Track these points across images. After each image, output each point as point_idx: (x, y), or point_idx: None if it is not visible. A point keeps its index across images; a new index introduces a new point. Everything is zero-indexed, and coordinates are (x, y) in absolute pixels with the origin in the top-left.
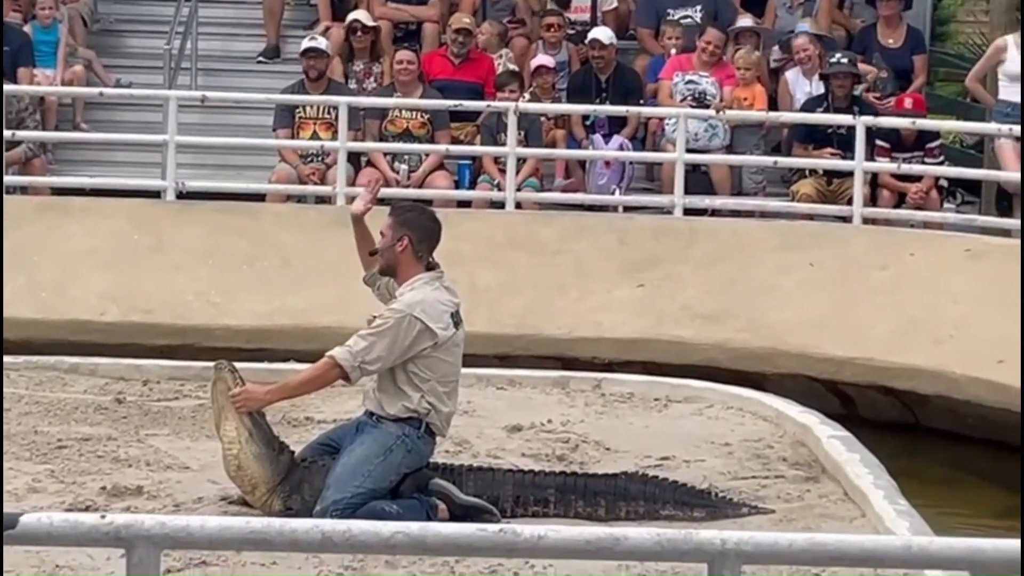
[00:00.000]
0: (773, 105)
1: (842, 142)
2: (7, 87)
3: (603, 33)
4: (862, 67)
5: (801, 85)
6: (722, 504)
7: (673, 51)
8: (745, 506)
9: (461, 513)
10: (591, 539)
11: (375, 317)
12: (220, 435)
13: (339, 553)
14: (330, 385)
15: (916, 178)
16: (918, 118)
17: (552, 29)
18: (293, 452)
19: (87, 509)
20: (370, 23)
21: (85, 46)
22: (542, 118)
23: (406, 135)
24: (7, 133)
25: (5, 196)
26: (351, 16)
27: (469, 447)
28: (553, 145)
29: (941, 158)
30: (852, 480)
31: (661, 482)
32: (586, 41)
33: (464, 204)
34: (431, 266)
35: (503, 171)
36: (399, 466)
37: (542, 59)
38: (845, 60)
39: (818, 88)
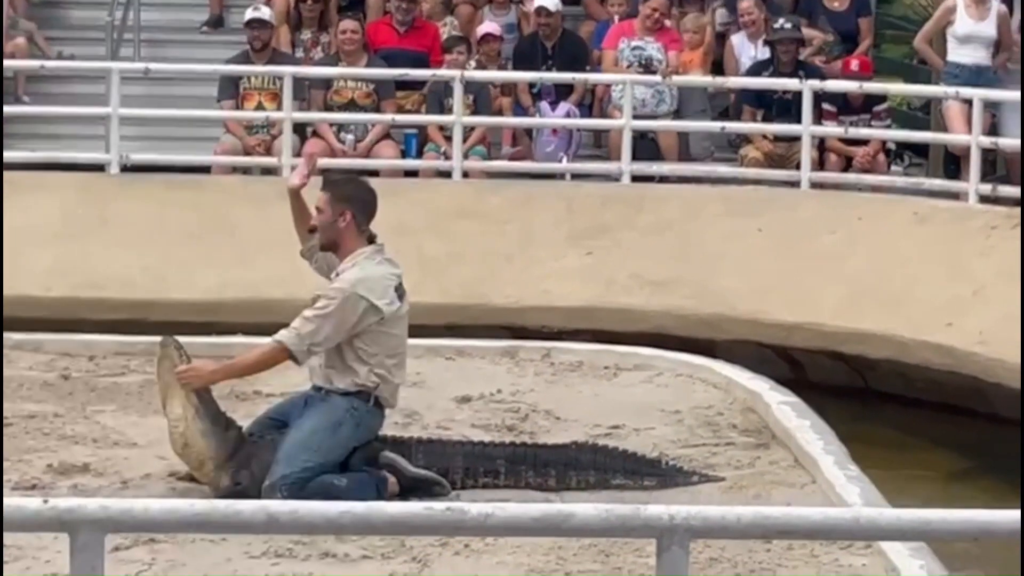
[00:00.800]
0: (719, 69)
1: (789, 106)
2: None
3: (550, 1)
4: (807, 31)
5: (747, 49)
6: (672, 472)
7: (617, 17)
8: (695, 474)
9: (410, 486)
10: (538, 516)
11: (319, 296)
12: (166, 412)
13: (286, 534)
14: (277, 366)
15: (863, 142)
16: (865, 81)
17: None
18: (241, 428)
19: (33, 487)
20: None
21: (26, 18)
22: (490, 86)
23: (351, 105)
24: None
25: None
26: None
27: (419, 418)
28: (500, 113)
29: (888, 121)
30: (802, 446)
31: (611, 451)
32: (534, 8)
33: (411, 174)
34: (371, 238)
35: (449, 139)
36: (348, 440)
37: (488, 26)
38: (789, 25)
39: (764, 53)
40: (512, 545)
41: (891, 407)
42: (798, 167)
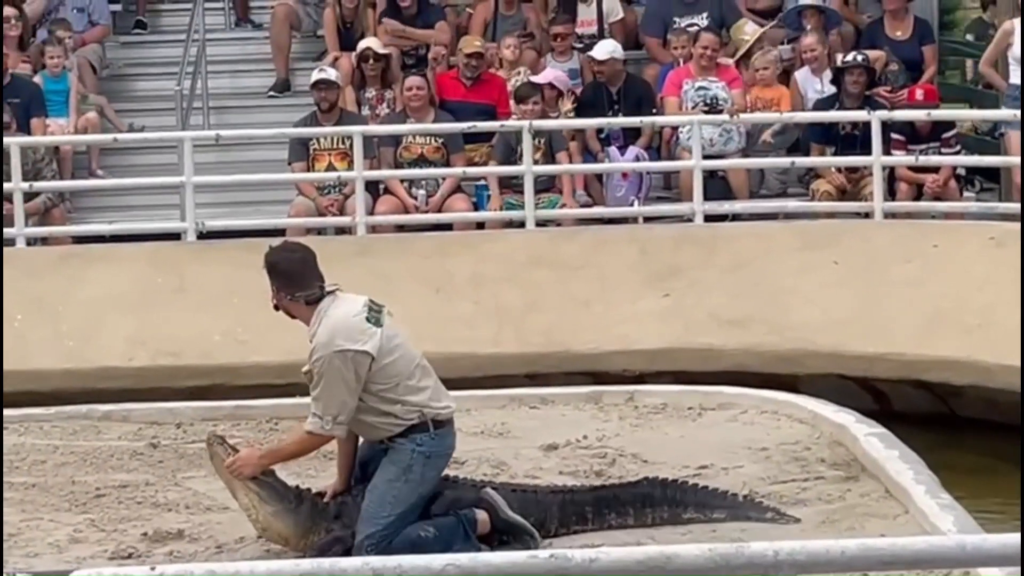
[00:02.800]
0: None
1: (855, 141)
2: (22, 139)
3: (600, 50)
4: (871, 53)
5: (812, 84)
6: (744, 507)
7: (681, 60)
8: (770, 510)
9: (503, 528)
10: (643, 559)
11: (310, 372)
12: (238, 503)
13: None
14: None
15: (933, 169)
16: (931, 108)
17: (560, 39)
18: (314, 495)
19: (130, 556)
20: (381, 51)
21: (96, 92)
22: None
23: (421, 161)
24: (24, 185)
25: (26, 248)
26: (362, 44)
27: (507, 468)
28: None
29: (958, 147)
30: (892, 477)
31: (682, 485)
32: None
33: (482, 225)
34: (321, 293)
35: (518, 189)
36: (425, 475)
37: (549, 74)
38: (860, 58)
39: (829, 88)
40: None
41: (977, 433)
42: (868, 198)
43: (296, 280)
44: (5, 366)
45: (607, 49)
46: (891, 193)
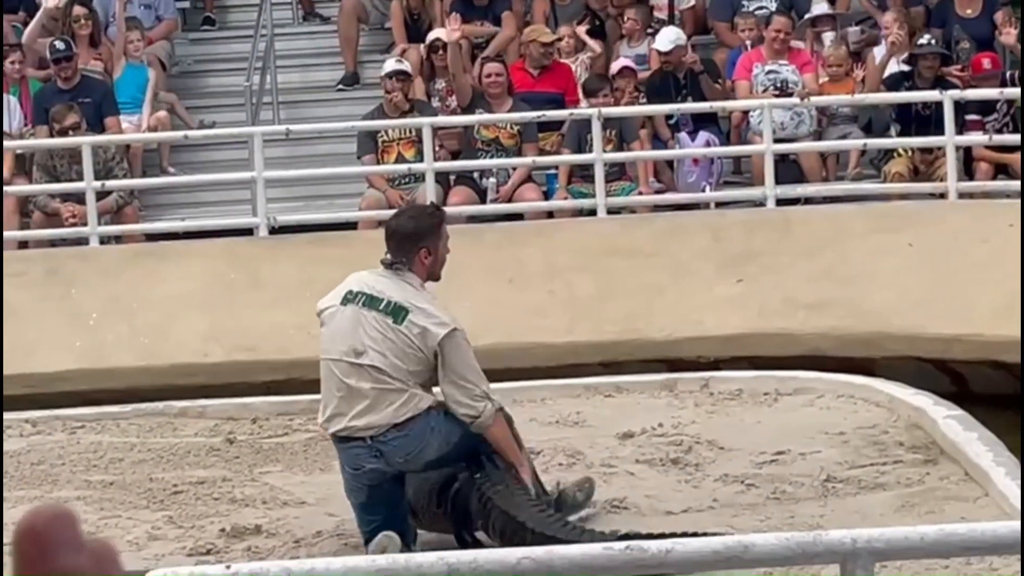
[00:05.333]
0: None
1: (928, 121)
2: (92, 138)
3: (662, 40)
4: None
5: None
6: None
7: (749, 43)
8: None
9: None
10: (719, 549)
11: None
12: None
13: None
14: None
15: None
16: (998, 76)
17: (633, 21)
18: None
19: (208, 553)
20: (451, 39)
21: (166, 90)
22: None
23: (495, 144)
24: (96, 184)
25: (100, 247)
26: (432, 35)
27: (582, 458)
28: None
29: None
30: (972, 459)
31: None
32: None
33: (552, 214)
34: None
35: (585, 178)
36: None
37: (624, 61)
38: (934, 41)
39: (902, 67)
40: None
41: None
42: (943, 179)
43: (389, 246)
44: (82, 364)
45: (670, 39)
46: (968, 173)
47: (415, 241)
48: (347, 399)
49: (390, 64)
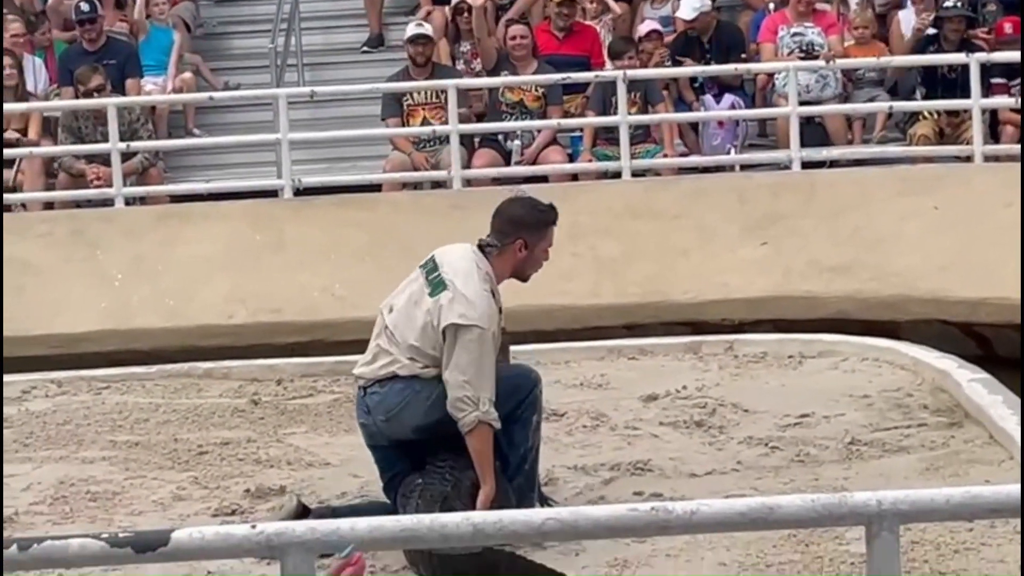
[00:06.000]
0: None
1: (954, 84)
2: (118, 99)
3: (686, 8)
4: None
5: (912, 24)
6: None
7: (773, 5)
8: None
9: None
10: (744, 510)
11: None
12: None
13: (492, 543)
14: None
15: None
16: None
17: None
18: None
19: (233, 513)
20: (476, 3)
21: (190, 51)
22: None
23: (520, 107)
24: (121, 145)
25: (125, 208)
26: None
27: (607, 420)
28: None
29: None
30: (996, 423)
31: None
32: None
33: (577, 177)
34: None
35: (610, 141)
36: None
37: (650, 24)
38: (960, 4)
39: (930, 30)
40: (710, 541)
41: None
42: (969, 142)
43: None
44: (107, 325)
45: (693, 6)
46: (994, 136)
47: (516, 229)
48: (368, 350)
49: (411, 28)
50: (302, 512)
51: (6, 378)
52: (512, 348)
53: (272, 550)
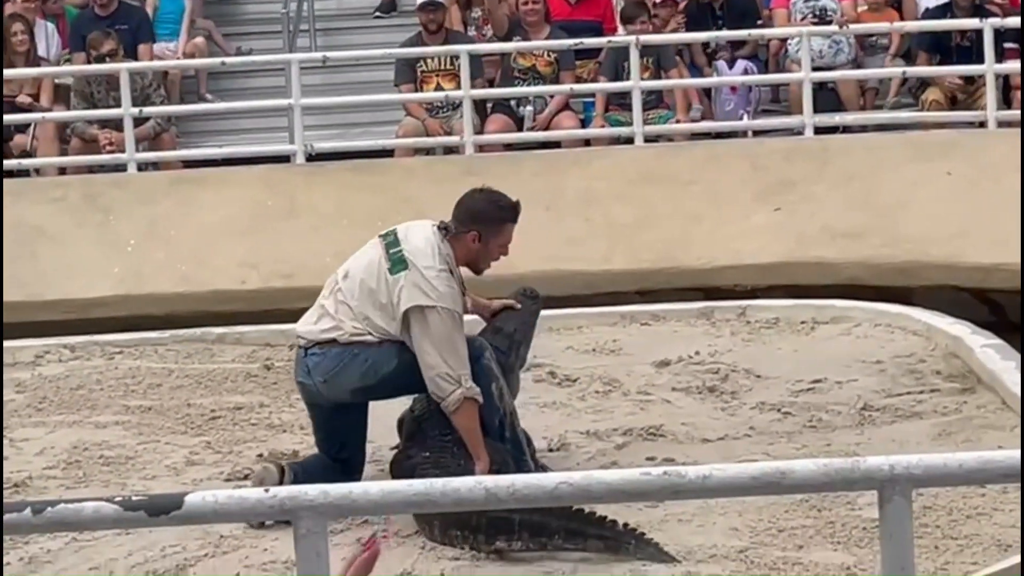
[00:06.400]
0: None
1: (967, 52)
2: (130, 64)
3: None
4: None
5: None
6: (623, 536)
7: None
8: (650, 545)
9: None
10: (757, 475)
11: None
12: None
13: (504, 508)
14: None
15: None
16: None
17: None
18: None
19: (245, 477)
20: None
21: (202, 16)
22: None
23: (532, 72)
24: (133, 110)
25: (138, 173)
26: None
27: (619, 386)
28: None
29: None
30: (1009, 388)
31: (559, 512)
32: None
33: (589, 142)
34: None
35: (622, 106)
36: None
37: None
38: None
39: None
40: (722, 507)
41: None
42: (982, 109)
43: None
44: (120, 290)
45: None
46: (1007, 102)
47: (473, 221)
48: (314, 308)
49: None
50: (283, 474)
51: (20, 343)
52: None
53: (285, 513)
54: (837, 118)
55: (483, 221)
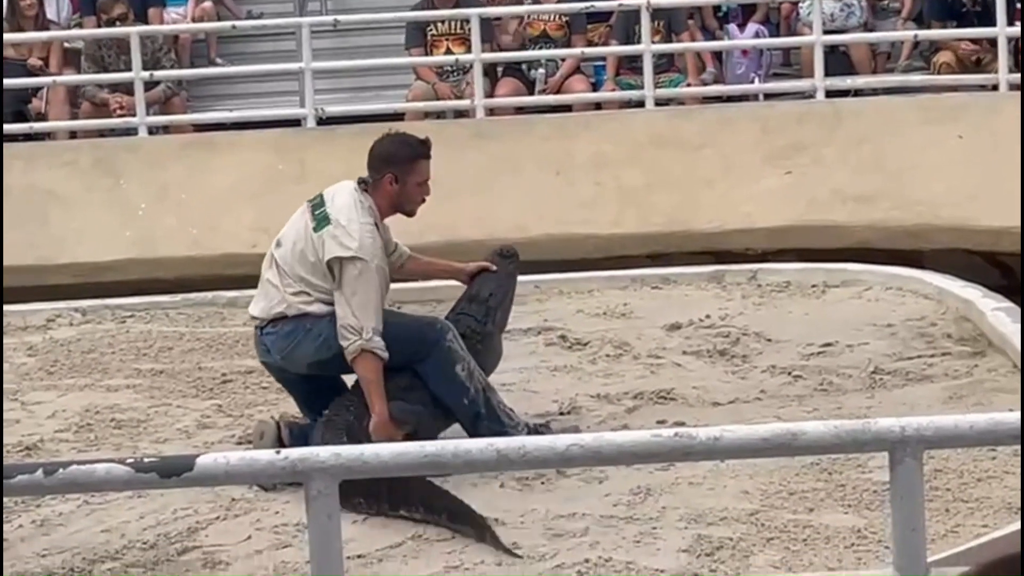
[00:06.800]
0: None
1: (978, 18)
2: (140, 28)
3: None
4: None
5: None
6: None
7: None
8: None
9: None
10: (767, 436)
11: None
12: None
13: (516, 470)
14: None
15: None
16: None
17: None
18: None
19: None
20: None
21: None
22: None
23: (543, 37)
24: (144, 74)
25: (148, 137)
26: None
27: (630, 349)
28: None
29: None
30: (1020, 351)
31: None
32: None
33: (600, 106)
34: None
35: (633, 70)
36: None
37: None
38: None
39: None
40: (733, 469)
41: None
42: (994, 72)
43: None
44: (131, 254)
45: None
46: (1018, 66)
47: (385, 164)
48: (259, 286)
49: None
50: (279, 430)
51: (31, 306)
52: (536, 277)
53: (296, 475)
54: (848, 81)
55: (395, 162)
